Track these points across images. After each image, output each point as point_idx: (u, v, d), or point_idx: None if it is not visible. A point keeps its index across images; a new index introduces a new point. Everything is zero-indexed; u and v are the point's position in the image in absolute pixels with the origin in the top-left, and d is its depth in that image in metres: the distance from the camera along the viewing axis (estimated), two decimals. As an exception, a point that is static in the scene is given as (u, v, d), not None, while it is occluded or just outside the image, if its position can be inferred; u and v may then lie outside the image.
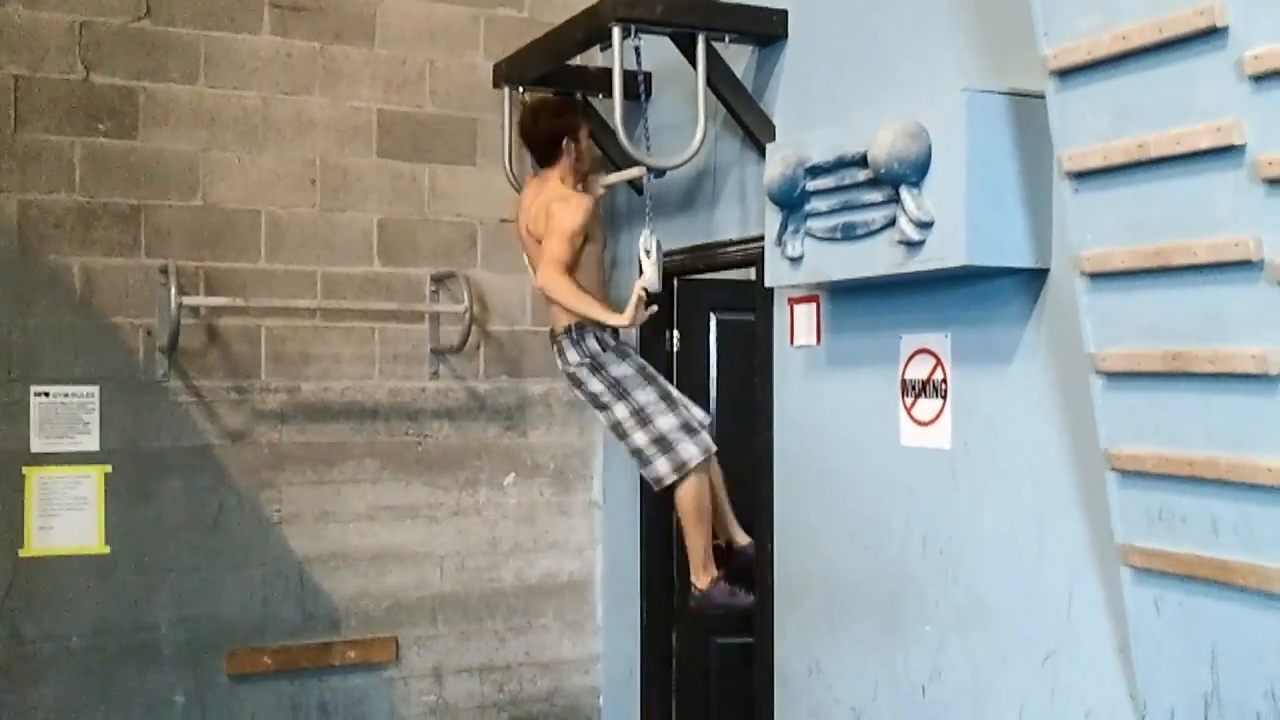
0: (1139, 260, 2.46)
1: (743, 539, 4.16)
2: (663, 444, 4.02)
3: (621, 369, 4.10)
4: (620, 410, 4.07)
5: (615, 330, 4.19)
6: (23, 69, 4.42)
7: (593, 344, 4.11)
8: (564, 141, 4.24)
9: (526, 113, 4.35)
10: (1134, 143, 2.42)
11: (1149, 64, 2.37)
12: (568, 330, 4.14)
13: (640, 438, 4.03)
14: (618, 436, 4.17)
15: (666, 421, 4.02)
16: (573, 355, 4.13)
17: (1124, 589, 2.67)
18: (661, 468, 4.03)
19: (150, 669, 4.58)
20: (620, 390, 4.06)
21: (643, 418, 4.03)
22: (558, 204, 4.13)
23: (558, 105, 4.36)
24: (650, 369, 4.23)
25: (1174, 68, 2.32)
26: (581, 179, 4.35)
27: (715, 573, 4.11)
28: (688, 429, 4.06)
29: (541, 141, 4.24)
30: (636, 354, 4.30)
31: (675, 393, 4.21)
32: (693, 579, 4.18)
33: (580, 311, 4.04)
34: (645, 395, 4.06)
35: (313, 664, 4.81)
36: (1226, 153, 2.24)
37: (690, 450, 4.05)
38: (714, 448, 4.11)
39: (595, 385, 4.09)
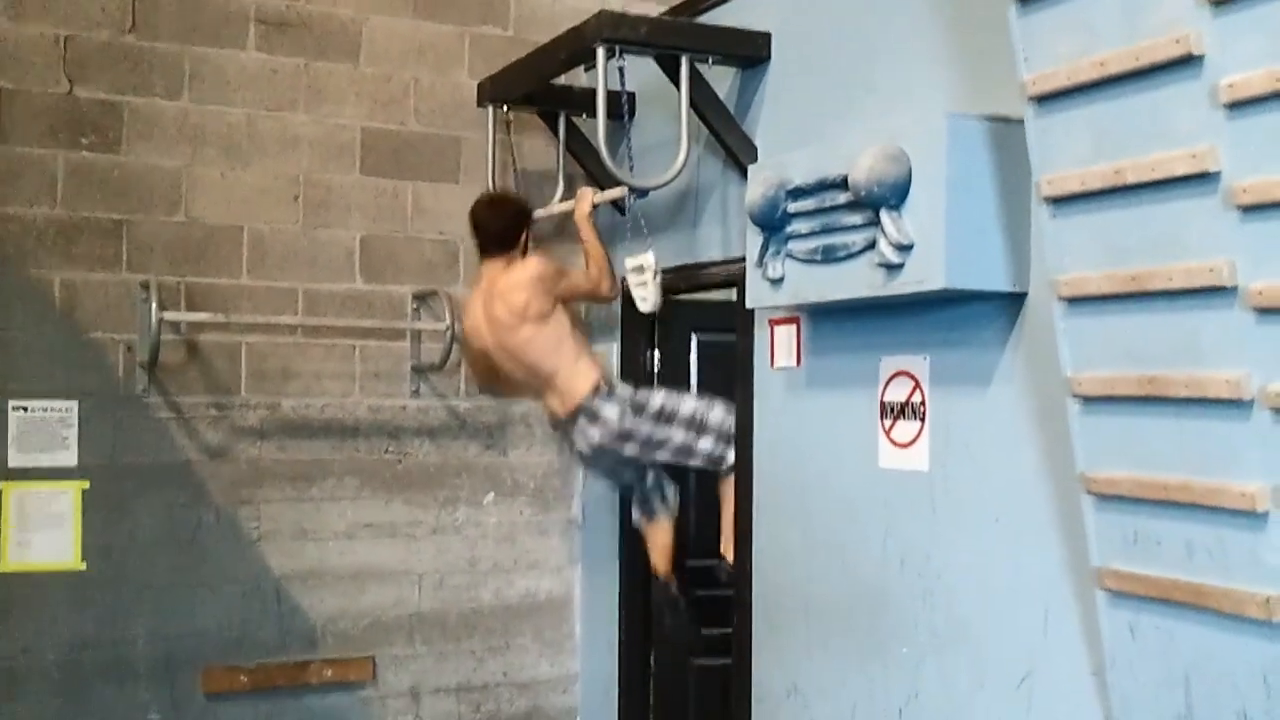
0: (1115, 285, 2.48)
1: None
2: (723, 434, 4.15)
3: (658, 395, 4.20)
4: (678, 434, 4.16)
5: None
6: (6, 82, 4.42)
7: (625, 390, 4.20)
8: (522, 233, 4.38)
9: (482, 206, 4.44)
10: (1111, 168, 2.44)
11: (1126, 91, 2.40)
12: (596, 389, 4.19)
13: (707, 443, 4.15)
14: (684, 458, 4.22)
15: (715, 415, 4.16)
16: (611, 411, 4.16)
17: (1099, 612, 2.68)
18: (730, 454, 4.14)
19: (126, 686, 4.55)
20: (668, 416, 4.15)
21: (698, 424, 4.16)
22: (533, 266, 4.27)
23: (515, 200, 4.50)
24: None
25: (1151, 95, 2.35)
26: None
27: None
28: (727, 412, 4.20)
29: (498, 232, 4.36)
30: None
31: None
32: (725, 550, 4.29)
33: (603, 257, 4.18)
34: (688, 405, 4.18)
35: (289, 682, 4.79)
36: (1202, 179, 2.27)
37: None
38: None
39: (645, 427, 4.16)
